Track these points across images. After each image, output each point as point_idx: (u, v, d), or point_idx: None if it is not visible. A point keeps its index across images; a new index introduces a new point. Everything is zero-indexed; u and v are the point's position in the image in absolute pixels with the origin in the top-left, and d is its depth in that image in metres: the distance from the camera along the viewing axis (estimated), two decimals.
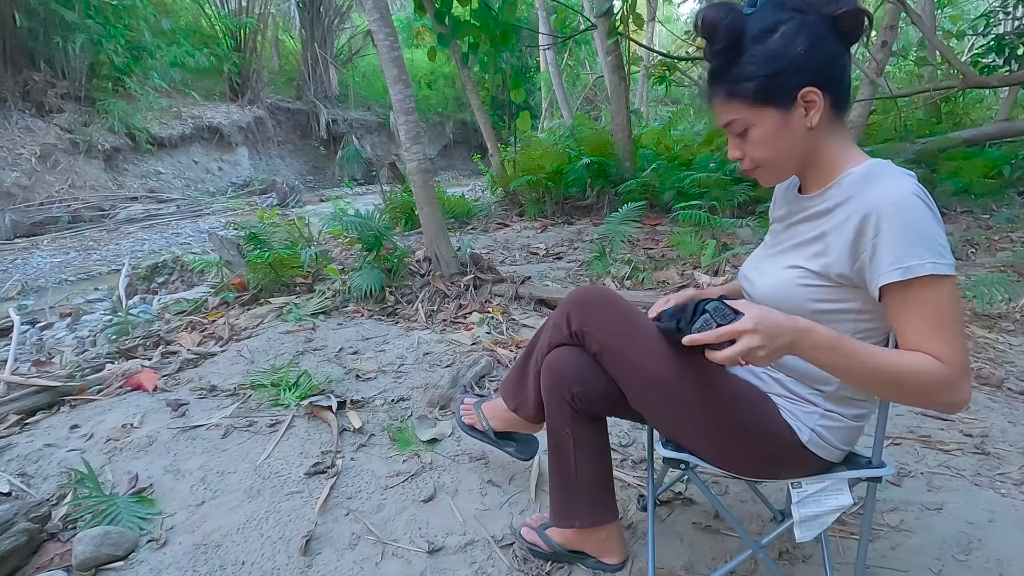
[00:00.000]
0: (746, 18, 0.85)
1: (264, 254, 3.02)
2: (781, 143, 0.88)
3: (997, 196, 5.05)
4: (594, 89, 13.41)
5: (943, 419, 1.84)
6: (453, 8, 4.75)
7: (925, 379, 0.78)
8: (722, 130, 0.94)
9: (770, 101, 0.85)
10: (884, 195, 0.81)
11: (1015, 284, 2.75)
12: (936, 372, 0.78)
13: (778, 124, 0.87)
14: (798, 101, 0.85)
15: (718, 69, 0.89)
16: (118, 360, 2.39)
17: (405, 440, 1.74)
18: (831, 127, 0.89)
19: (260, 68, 13.12)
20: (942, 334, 0.78)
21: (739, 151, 0.93)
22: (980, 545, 1.29)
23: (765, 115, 0.87)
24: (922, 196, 0.80)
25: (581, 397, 1.08)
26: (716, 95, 0.90)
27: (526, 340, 2.46)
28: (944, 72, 7.57)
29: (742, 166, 0.94)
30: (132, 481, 1.55)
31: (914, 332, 0.80)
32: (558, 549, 1.25)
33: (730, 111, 0.89)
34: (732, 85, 0.87)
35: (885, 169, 0.86)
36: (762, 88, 0.85)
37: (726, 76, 0.88)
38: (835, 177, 0.90)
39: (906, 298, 0.80)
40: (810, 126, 0.86)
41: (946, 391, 0.78)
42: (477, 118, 6.18)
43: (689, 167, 5.36)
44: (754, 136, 0.89)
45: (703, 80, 0.95)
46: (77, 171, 8.43)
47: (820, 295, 0.89)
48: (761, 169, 0.93)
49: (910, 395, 0.81)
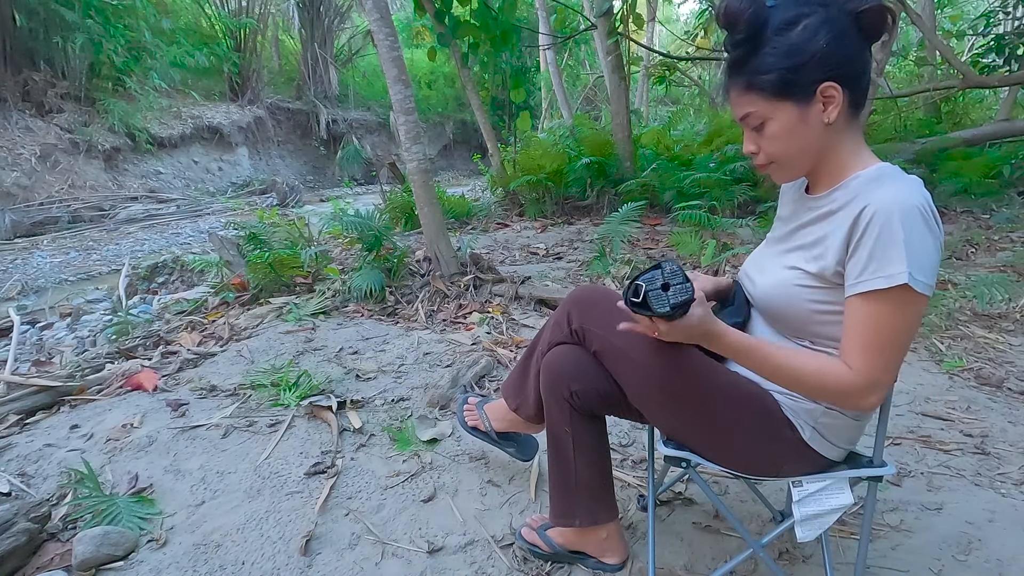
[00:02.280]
0: (769, 9, 0.84)
1: (264, 254, 3.02)
2: (797, 138, 0.87)
3: (997, 196, 5.04)
4: (594, 89, 13.42)
5: (943, 419, 1.84)
6: (453, 8, 4.75)
7: (824, 385, 0.85)
8: (737, 123, 0.93)
9: (789, 95, 0.84)
10: (884, 199, 0.80)
11: (1015, 284, 2.75)
12: (839, 381, 0.84)
13: (795, 118, 0.86)
14: (817, 96, 0.84)
15: (737, 60, 0.87)
16: (118, 360, 2.39)
17: (405, 440, 1.74)
18: (847, 126, 0.88)
19: (260, 68, 13.12)
20: (868, 347, 0.82)
21: (754, 145, 0.92)
22: (980, 545, 1.29)
23: (783, 109, 0.85)
24: (925, 209, 0.79)
25: (580, 395, 1.08)
26: (734, 87, 0.89)
27: (526, 340, 2.47)
28: (944, 72, 7.57)
29: (756, 161, 0.93)
30: (132, 481, 1.55)
31: (854, 343, 0.83)
32: (558, 549, 1.25)
33: (747, 103, 0.88)
34: (751, 77, 0.86)
35: (894, 174, 0.85)
36: (781, 81, 0.84)
37: (745, 67, 0.86)
38: (843, 179, 0.89)
39: (857, 307, 0.82)
40: (827, 122, 0.85)
41: (846, 397, 0.85)
42: (477, 118, 6.17)
43: (689, 167, 5.36)
44: (770, 130, 0.88)
45: (721, 71, 0.94)
46: (77, 171, 8.43)
47: (818, 296, 0.89)
48: (775, 165, 0.92)
49: (811, 394, 0.90)
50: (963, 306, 2.70)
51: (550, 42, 7.67)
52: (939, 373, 2.16)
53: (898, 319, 0.80)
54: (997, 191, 5.11)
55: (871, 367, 0.81)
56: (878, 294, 0.79)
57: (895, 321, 0.80)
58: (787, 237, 0.99)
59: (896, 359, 0.82)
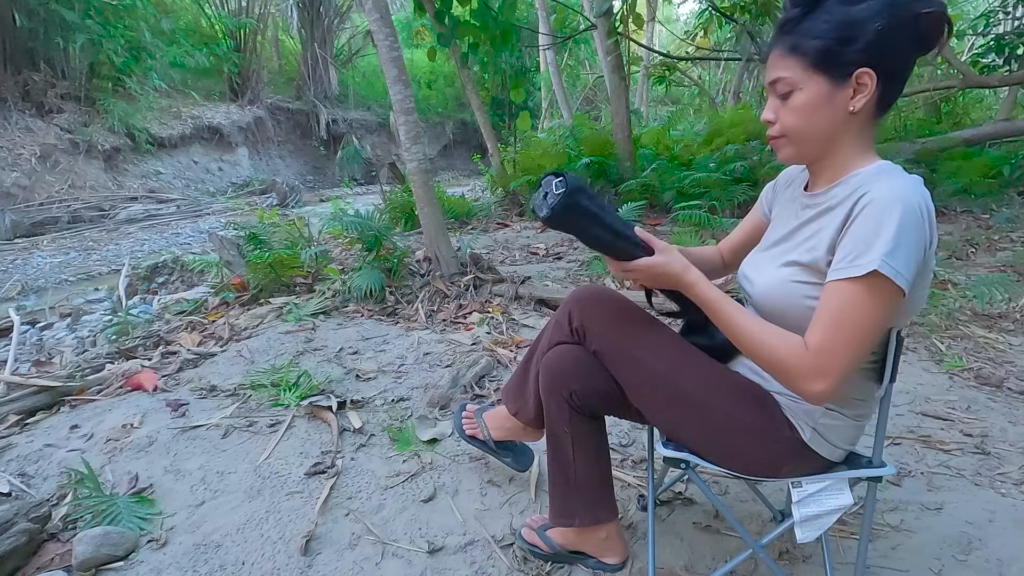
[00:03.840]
0: None
1: (264, 254, 3.02)
2: (818, 117, 0.86)
3: (997, 196, 5.04)
4: (594, 89, 13.42)
5: (943, 419, 1.84)
6: (453, 8, 4.74)
7: (777, 356, 0.85)
8: (767, 88, 0.91)
9: (826, 68, 0.83)
10: (883, 190, 0.80)
11: (1015, 284, 2.76)
12: (791, 354, 0.83)
13: (824, 95, 0.84)
14: (851, 80, 0.83)
15: (791, 19, 0.86)
16: (118, 360, 2.39)
17: (405, 440, 1.74)
18: (866, 123, 0.87)
19: (260, 68, 13.12)
20: (829, 330, 0.81)
21: (773, 114, 0.90)
22: (980, 545, 1.29)
23: (815, 81, 0.84)
24: (922, 207, 0.78)
25: (580, 395, 1.08)
26: (779, 46, 0.87)
27: (526, 340, 2.47)
28: (944, 72, 7.56)
29: (769, 131, 0.92)
30: (132, 481, 1.55)
31: (819, 325, 0.82)
32: (558, 550, 1.25)
33: (784, 67, 0.86)
34: (799, 38, 0.84)
35: (895, 170, 0.85)
36: (826, 50, 0.82)
37: (796, 28, 0.85)
38: (842, 176, 0.89)
39: (829, 291, 0.82)
40: (852, 110, 0.84)
41: (794, 376, 0.83)
42: (477, 118, 6.17)
43: (689, 167, 5.37)
44: (796, 101, 0.86)
45: (773, 30, 0.96)
46: (77, 171, 8.43)
47: (815, 292, 0.88)
48: (786, 140, 0.90)
49: (765, 364, 0.88)
50: (963, 306, 2.70)
51: (550, 42, 7.67)
52: (939, 373, 2.16)
53: (867, 307, 0.79)
54: (997, 191, 5.11)
55: (824, 348, 0.80)
56: (854, 280, 0.79)
57: (863, 308, 0.79)
58: (786, 238, 0.98)
59: (853, 350, 0.80)
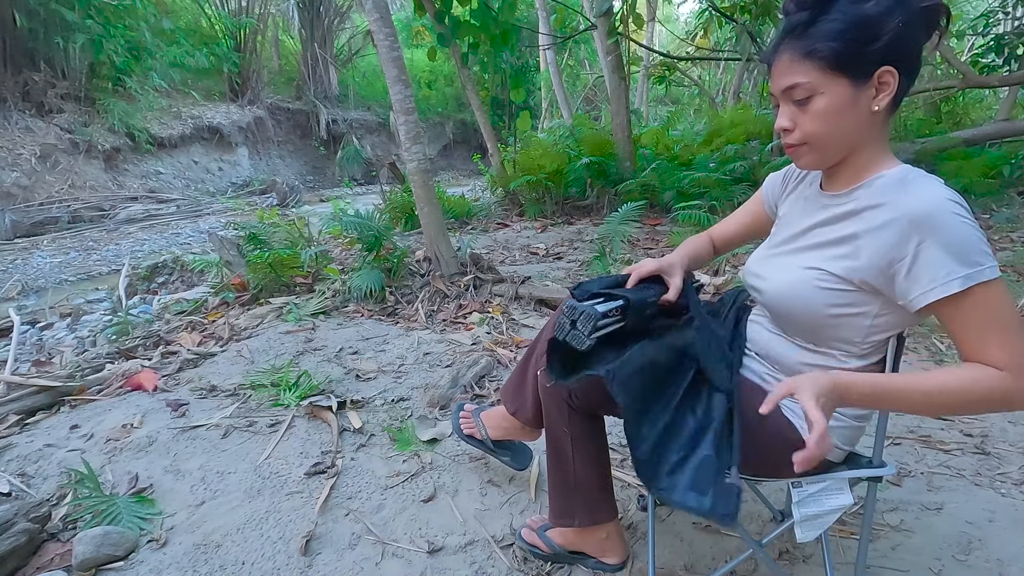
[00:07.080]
0: None
1: (264, 254, 3.03)
2: (843, 120, 0.82)
3: (997, 196, 5.04)
4: (594, 89, 13.42)
5: (943, 419, 1.84)
6: (453, 8, 4.75)
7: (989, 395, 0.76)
8: (777, 96, 0.86)
9: (847, 70, 0.78)
10: (924, 205, 0.77)
11: (1015, 284, 2.75)
12: (991, 379, 0.76)
13: (847, 98, 0.80)
14: (873, 79, 0.79)
15: (800, 23, 0.80)
16: (118, 360, 2.39)
17: (405, 440, 1.74)
18: (884, 122, 0.85)
19: (260, 68, 13.12)
20: (1003, 335, 0.76)
21: (790, 122, 0.85)
22: (980, 545, 1.29)
23: (837, 84, 0.79)
24: (959, 203, 0.77)
25: (579, 395, 1.07)
26: (788, 51, 0.81)
27: (526, 340, 2.47)
28: (944, 72, 7.56)
29: (787, 139, 0.87)
30: (132, 481, 1.55)
31: (975, 338, 0.77)
32: (558, 550, 1.25)
33: (799, 73, 0.81)
34: (813, 42, 0.79)
35: (919, 176, 0.83)
36: (845, 53, 0.78)
37: (808, 31, 0.79)
38: (865, 178, 0.87)
39: (961, 307, 0.77)
40: (875, 109, 0.81)
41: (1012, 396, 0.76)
42: (477, 118, 6.18)
43: (689, 167, 5.36)
44: (817, 106, 0.81)
45: (773, 34, 0.92)
46: (77, 171, 8.43)
47: (838, 299, 0.86)
48: (807, 147, 0.86)
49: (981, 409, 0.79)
50: None
51: (550, 42, 7.68)
52: None
53: (1002, 303, 0.77)
54: (997, 191, 5.10)
55: (1014, 354, 0.76)
56: (970, 291, 0.76)
57: (1002, 307, 0.77)
58: (800, 236, 0.95)
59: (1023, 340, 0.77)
